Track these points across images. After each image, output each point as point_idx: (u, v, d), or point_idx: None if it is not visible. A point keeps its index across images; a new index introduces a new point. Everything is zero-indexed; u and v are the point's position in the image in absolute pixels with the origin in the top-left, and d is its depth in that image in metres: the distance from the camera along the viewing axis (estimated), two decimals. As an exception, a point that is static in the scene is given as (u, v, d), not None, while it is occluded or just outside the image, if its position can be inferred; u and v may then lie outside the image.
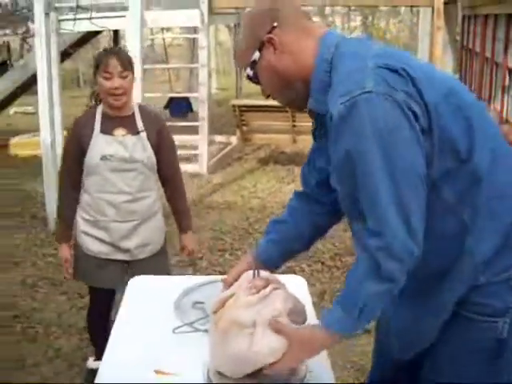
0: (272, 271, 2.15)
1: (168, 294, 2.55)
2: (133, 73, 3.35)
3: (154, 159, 3.43)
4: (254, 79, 1.94)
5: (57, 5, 7.40)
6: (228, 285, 2.10)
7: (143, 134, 3.38)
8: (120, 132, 3.37)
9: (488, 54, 11.53)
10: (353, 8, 26.17)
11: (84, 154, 3.36)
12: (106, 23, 7.86)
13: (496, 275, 1.84)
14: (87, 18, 7.53)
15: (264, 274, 2.03)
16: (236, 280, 2.06)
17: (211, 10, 9.21)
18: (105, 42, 19.27)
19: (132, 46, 6.46)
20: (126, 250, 3.47)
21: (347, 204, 1.91)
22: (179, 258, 5.81)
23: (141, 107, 3.52)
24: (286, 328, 1.85)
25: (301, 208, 2.24)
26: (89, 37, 10.87)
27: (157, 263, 3.59)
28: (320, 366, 2.02)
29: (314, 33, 1.91)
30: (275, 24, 1.86)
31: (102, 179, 3.37)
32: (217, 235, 6.53)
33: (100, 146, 3.34)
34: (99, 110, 3.43)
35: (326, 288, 5.02)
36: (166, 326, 2.31)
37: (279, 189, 8.44)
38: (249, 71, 1.93)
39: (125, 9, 7.19)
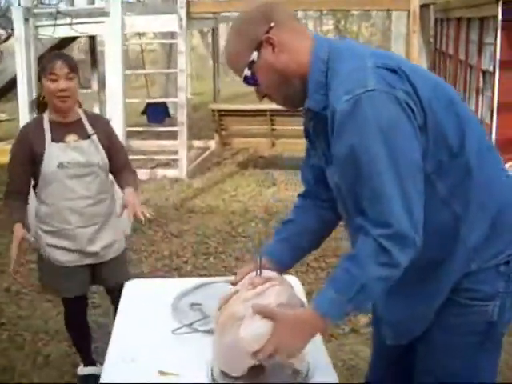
0: (283, 272, 2.17)
1: (164, 297, 2.56)
2: (78, 77, 3.35)
3: (107, 160, 3.43)
4: (250, 80, 1.95)
5: (35, 11, 7.36)
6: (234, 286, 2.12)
7: (94, 137, 3.39)
8: (72, 138, 3.35)
9: (462, 57, 11.68)
10: (325, 12, 26.32)
11: (34, 162, 3.32)
12: (85, 29, 7.85)
13: (486, 262, 1.93)
14: (67, 24, 7.51)
15: (269, 273, 2.04)
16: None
17: (189, 15, 9.24)
18: (77, 48, 19.27)
19: (112, 51, 6.42)
20: (93, 254, 3.46)
21: (347, 199, 1.94)
22: (164, 262, 5.84)
23: (85, 111, 3.51)
24: (271, 309, 1.88)
25: (305, 205, 2.26)
26: (66, 43, 10.81)
27: (121, 263, 3.64)
28: (322, 365, 2.06)
29: (306, 33, 1.96)
30: (272, 24, 1.89)
31: (61, 187, 3.34)
32: (200, 239, 6.52)
33: (55, 154, 3.30)
34: (46, 118, 3.39)
35: (312, 289, 5.03)
36: (165, 328, 2.32)
37: (259, 192, 8.46)
38: (246, 72, 1.94)
39: (104, 14, 7.16)
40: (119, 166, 3.51)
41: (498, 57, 8.72)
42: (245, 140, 9.72)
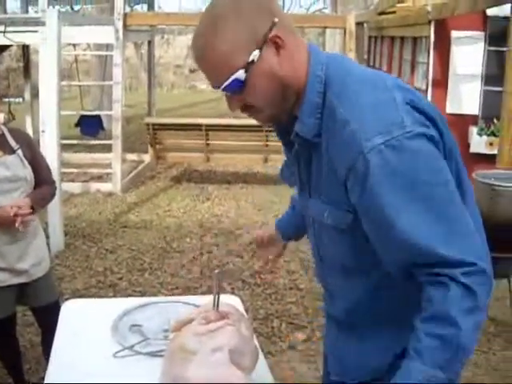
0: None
1: (103, 318, 2.51)
2: None
3: (32, 175, 3.39)
4: (235, 85, 1.56)
5: (-33, 18, 7.19)
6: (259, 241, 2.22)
7: (19, 152, 3.35)
8: None
9: (395, 74, 11.91)
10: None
11: None
12: (19, 38, 7.69)
13: None
14: (0, 32, 7.35)
15: (227, 307, 2.00)
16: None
17: (125, 27, 9.19)
18: (9, 56, 18.87)
19: (47, 62, 6.31)
20: (23, 272, 3.40)
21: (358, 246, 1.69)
22: (99, 279, 5.75)
23: (8, 128, 3.46)
24: None
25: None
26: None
27: (49, 282, 3.61)
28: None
29: (301, 42, 1.65)
30: (276, 20, 1.54)
31: None
32: (135, 255, 6.46)
33: None
34: None
35: (247, 305, 5.05)
36: (106, 350, 2.28)
37: (194, 207, 8.44)
38: (240, 74, 1.54)
39: (39, 24, 7.04)
40: (41, 180, 3.47)
41: (430, 75, 8.95)
42: (179, 154, 9.68)
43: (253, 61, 1.53)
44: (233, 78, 1.54)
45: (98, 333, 2.43)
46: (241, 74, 1.54)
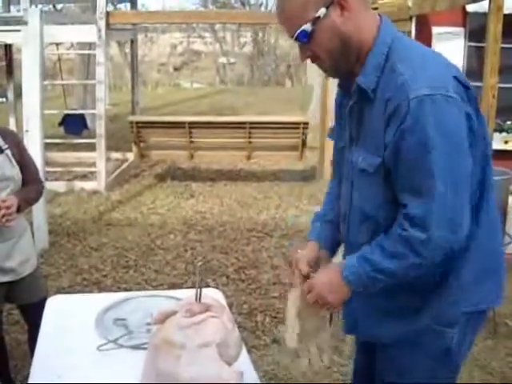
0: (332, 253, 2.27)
1: (87, 313, 2.56)
2: None
3: (20, 175, 3.37)
4: (304, 36, 1.89)
5: None
6: (304, 275, 2.16)
7: (8, 152, 3.33)
8: None
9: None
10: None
11: None
12: (1, 37, 7.68)
13: (473, 306, 2.04)
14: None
15: (208, 299, 2.04)
16: (310, 267, 2.16)
17: (108, 26, 9.19)
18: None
19: (30, 61, 6.32)
20: (10, 270, 3.39)
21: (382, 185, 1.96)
22: (84, 276, 5.78)
23: None
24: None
25: (334, 188, 2.33)
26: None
27: (37, 279, 3.59)
28: (248, 376, 2.09)
29: (373, 14, 1.96)
30: None
31: None
32: (120, 252, 6.48)
33: None
34: None
35: (232, 301, 5.09)
36: (90, 344, 2.32)
37: (178, 204, 8.46)
38: (307, 26, 1.86)
39: (22, 23, 7.04)
40: (28, 179, 3.44)
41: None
42: (163, 152, 9.68)
43: (319, 17, 1.85)
44: (301, 28, 1.87)
45: (82, 327, 2.47)
46: (308, 27, 1.86)
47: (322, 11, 1.84)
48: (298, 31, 1.87)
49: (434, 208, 1.79)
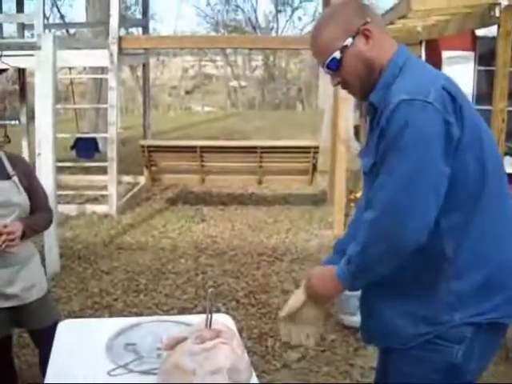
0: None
1: (98, 337, 2.57)
2: None
3: (28, 201, 3.37)
4: (334, 64, 2.13)
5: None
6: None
7: (15, 178, 3.34)
8: None
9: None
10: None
11: None
12: (15, 62, 7.77)
13: (469, 317, 2.04)
14: (-5, 56, 7.45)
15: (219, 324, 2.06)
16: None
17: (120, 51, 9.27)
18: (5, 79, 18.94)
19: (43, 85, 6.39)
20: (13, 296, 3.36)
21: None
22: (94, 300, 5.79)
23: (5, 153, 3.46)
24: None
25: (359, 217, 2.36)
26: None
27: (45, 305, 3.54)
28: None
29: (392, 40, 2.19)
30: (368, 19, 2.11)
31: None
32: (130, 276, 6.49)
33: None
34: None
35: (242, 325, 5.09)
36: (101, 369, 2.33)
37: (189, 228, 8.48)
38: (337, 54, 2.11)
39: (35, 48, 7.12)
40: (37, 206, 3.45)
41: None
42: (175, 176, 9.72)
43: (347, 45, 2.10)
44: (332, 56, 2.12)
45: (92, 352, 2.48)
46: (337, 54, 2.11)
47: (349, 41, 2.10)
48: (329, 59, 2.13)
49: (384, 199, 1.95)
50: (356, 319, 4.80)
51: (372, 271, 2.04)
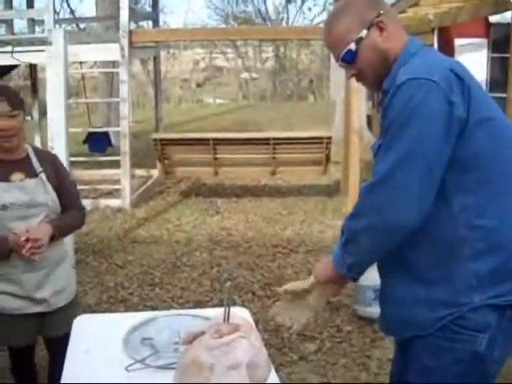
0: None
1: (114, 332, 2.55)
2: (24, 111, 3.13)
3: (57, 201, 3.22)
4: (349, 56, 2.15)
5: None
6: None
7: (42, 176, 3.18)
8: (17, 177, 3.14)
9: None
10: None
11: None
12: (27, 58, 7.77)
13: (489, 299, 2.01)
14: (8, 52, 7.44)
15: (236, 318, 2.03)
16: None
17: (131, 44, 9.26)
18: (16, 74, 19.00)
19: (54, 81, 6.39)
20: (42, 301, 3.23)
21: None
22: (110, 294, 5.79)
23: (34, 148, 3.32)
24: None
25: None
26: (6, 70, 10.67)
27: (70, 312, 3.32)
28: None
29: (403, 31, 2.22)
30: (382, 12, 2.14)
31: (6, 230, 3.06)
32: (145, 270, 6.50)
33: None
34: None
35: (258, 318, 5.07)
36: (118, 364, 2.31)
37: (203, 221, 8.47)
38: (352, 46, 2.14)
39: (46, 43, 7.12)
40: (67, 205, 3.30)
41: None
42: (188, 169, 9.71)
43: (362, 37, 2.13)
44: (347, 48, 2.14)
45: (109, 347, 2.46)
46: (352, 46, 2.14)
47: (364, 33, 2.13)
48: (344, 51, 2.15)
49: (381, 172, 1.97)
50: (371, 310, 4.77)
51: (362, 245, 2.06)
